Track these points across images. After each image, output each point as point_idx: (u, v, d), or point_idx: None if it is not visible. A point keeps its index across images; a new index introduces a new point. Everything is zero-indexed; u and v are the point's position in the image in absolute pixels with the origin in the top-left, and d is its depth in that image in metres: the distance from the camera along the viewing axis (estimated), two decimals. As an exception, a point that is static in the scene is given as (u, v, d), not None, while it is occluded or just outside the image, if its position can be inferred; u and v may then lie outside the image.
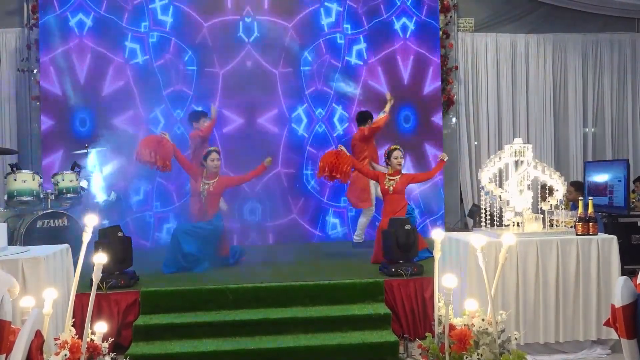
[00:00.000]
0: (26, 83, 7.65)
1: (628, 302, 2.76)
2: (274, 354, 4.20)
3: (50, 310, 3.12)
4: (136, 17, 7.50)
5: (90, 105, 7.39)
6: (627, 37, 8.77)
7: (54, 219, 5.66)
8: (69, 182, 6.02)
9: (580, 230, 4.29)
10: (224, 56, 7.58)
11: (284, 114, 7.69)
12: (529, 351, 3.98)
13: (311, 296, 4.70)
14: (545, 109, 8.56)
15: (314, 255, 6.47)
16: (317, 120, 7.76)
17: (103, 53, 7.42)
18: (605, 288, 4.20)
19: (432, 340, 3.58)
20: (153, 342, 4.28)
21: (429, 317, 4.64)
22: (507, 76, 8.50)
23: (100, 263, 3.21)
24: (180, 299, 4.61)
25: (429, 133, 7.99)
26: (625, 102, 8.76)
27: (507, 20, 8.57)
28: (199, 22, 7.58)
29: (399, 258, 5.08)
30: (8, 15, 7.66)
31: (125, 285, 4.73)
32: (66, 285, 4.06)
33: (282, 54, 7.66)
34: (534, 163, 4.45)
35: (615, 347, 4.25)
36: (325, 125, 7.77)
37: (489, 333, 3.41)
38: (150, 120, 7.46)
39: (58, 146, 7.29)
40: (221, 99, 7.51)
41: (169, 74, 7.51)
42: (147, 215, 7.48)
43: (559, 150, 8.68)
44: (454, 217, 8.33)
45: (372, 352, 4.26)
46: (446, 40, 8.27)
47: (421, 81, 7.97)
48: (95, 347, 3.30)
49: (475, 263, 3.85)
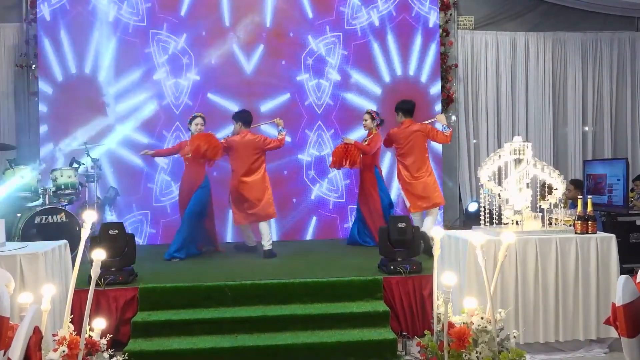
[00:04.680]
0: (24, 79, 7.62)
1: (629, 301, 2.76)
2: (272, 351, 4.19)
3: (48, 307, 3.10)
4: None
5: (89, 101, 7.36)
6: (627, 36, 8.77)
7: (52, 215, 5.64)
8: (68, 178, 6.02)
9: (579, 229, 4.29)
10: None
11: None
12: (527, 350, 3.98)
13: (310, 293, 4.70)
14: (545, 107, 8.56)
15: (312, 253, 6.46)
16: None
17: (103, 48, 7.40)
18: (604, 287, 4.20)
19: (430, 338, 3.58)
20: (151, 338, 4.28)
21: (427, 314, 4.63)
22: (506, 74, 8.50)
23: (99, 259, 3.20)
24: (179, 296, 4.61)
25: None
26: (624, 101, 8.76)
27: (507, 19, 8.56)
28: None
29: (392, 255, 5.09)
30: (6, 10, 7.63)
31: (124, 282, 4.73)
32: (64, 281, 4.06)
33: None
34: (533, 161, 4.44)
35: (613, 346, 4.26)
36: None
37: (487, 331, 3.40)
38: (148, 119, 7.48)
39: (56, 142, 7.27)
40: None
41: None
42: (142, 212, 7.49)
43: (558, 149, 8.68)
44: (453, 214, 8.33)
45: (370, 349, 4.25)
46: (446, 38, 8.26)
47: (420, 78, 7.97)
48: (93, 344, 3.29)
49: (474, 261, 3.85)
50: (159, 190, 7.50)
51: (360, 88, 7.84)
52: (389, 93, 7.77)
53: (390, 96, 7.54)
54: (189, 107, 7.38)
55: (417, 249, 5.25)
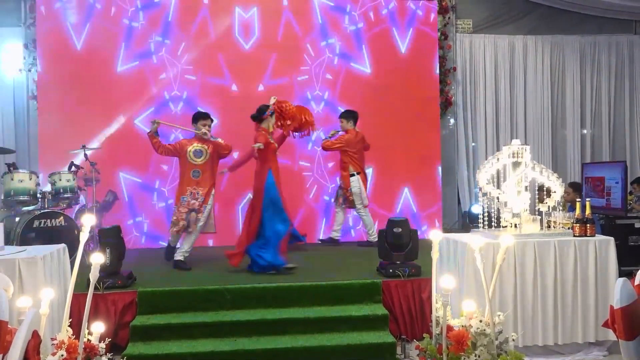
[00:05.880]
0: (24, 82, 7.62)
1: (627, 304, 2.76)
2: (271, 355, 4.19)
3: (47, 311, 3.10)
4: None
5: (87, 105, 7.37)
6: (625, 39, 8.80)
7: (50, 219, 5.64)
8: (66, 181, 6.02)
9: (577, 232, 4.30)
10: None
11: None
12: (526, 353, 3.98)
13: (309, 297, 4.70)
14: (543, 111, 8.59)
15: (311, 255, 6.46)
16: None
17: (101, 51, 7.41)
18: (602, 289, 4.21)
19: (429, 341, 3.58)
20: (150, 342, 4.27)
21: (426, 317, 4.64)
22: (505, 77, 8.52)
23: (98, 263, 3.20)
24: (177, 299, 4.60)
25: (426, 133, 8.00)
26: (622, 104, 8.79)
27: (505, 22, 8.58)
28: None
29: (389, 258, 5.11)
30: (5, 13, 7.64)
31: (123, 286, 4.72)
32: (63, 285, 4.05)
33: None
34: (531, 164, 4.45)
35: (612, 349, 4.25)
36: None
37: (486, 334, 3.40)
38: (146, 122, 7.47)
39: (55, 146, 7.26)
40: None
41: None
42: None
43: (557, 152, 8.70)
44: (452, 218, 8.34)
45: (369, 352, 4.25)
46: (444, 41, 8.27)
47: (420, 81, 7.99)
48: (92, 348, 3.29)
49: (473, 264, 3.85)
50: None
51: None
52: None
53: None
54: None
55: (415, 252, 5.25)
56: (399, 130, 7.82)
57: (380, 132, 7.58)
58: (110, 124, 7.38)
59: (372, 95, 7.83)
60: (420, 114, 7.90)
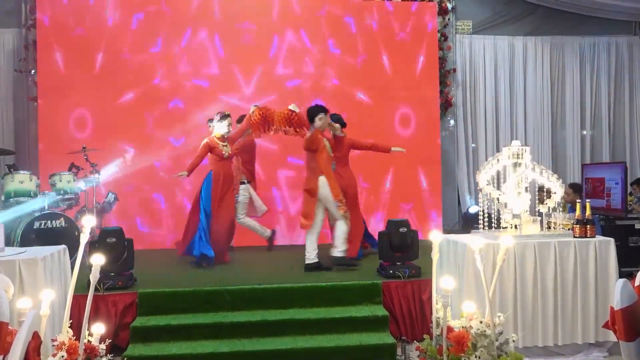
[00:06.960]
0: (24, 84, 7.63)
1: (627, 305, 2.76)
2: (271, 356, 4.19)
3: (47, 312, 3.10)
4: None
5: (87, 105, 7.37)
6: (625, 40, 8.80)
7: (51, 220, 5.64)
8: (67, 183, 6.02)
9: (577, 233, 4.30)
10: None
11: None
12: (527, 354, 3.98)
13: (309, 298, 4.69)
14: (543, 111, 8.59)
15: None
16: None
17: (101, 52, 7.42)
18: (602, 290, 4.21)
19: (429, 342, 3.58)
20: (150, 343, 4.27)
21: (426, 319, 4.63)
22: (504, 78, 8.53)
23: (98, 264, 3.20)
24: (178, 301, 4.60)
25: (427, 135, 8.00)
26: (622, 105, 8.80)
27: (505, 23, 8.59)
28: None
29: (392, 259, 5.10)
30: (5, 15, 7.65)
31: (123, 287, 4.72)
32: (63, 286, 4.05)
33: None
34: (531, 165, 4.45)
35: (612, 350, 4.25)
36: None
37: (486, 335, 3.40)
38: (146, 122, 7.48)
39: (55, 147, 7.26)
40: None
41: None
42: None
43: (557, 153, 8.71)
44: (452, 219, 8.33)
45: (369, 354, 4.25)
46: (444, 42, 8.28)
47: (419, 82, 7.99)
48: (92, 349, 3.29)
49: (473, 265, 3.86)
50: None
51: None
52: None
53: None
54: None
55: (415, 253, 5.25)
56: (399, 130, 7.82)
57: (381, 131, 7.58)
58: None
59: (372, 95, 7.83)
60: (420, 114, 7.91)
